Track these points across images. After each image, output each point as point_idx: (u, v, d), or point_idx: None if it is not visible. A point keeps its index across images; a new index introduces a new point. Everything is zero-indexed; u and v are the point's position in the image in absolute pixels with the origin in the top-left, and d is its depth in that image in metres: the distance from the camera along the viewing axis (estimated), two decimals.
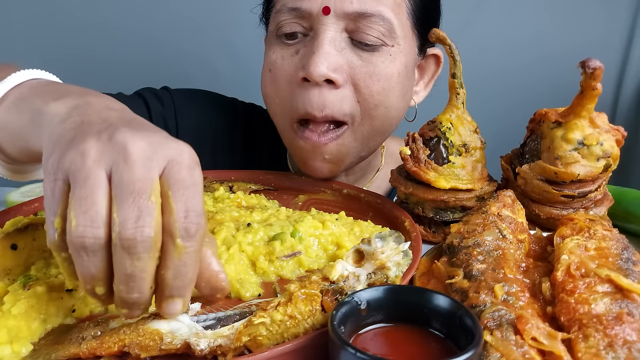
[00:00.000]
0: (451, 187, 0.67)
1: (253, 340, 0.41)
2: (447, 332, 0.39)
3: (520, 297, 0.46)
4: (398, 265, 0.48)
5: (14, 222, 0.62)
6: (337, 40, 0.76)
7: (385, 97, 0.79)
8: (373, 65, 0.77)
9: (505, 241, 0.53)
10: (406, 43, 0.80)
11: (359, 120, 0.79)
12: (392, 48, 0.78)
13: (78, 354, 0.41)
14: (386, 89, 0.78)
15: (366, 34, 0.76)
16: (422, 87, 0.93)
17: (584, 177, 0.62)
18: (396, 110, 0.82)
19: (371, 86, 0.77)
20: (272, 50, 0.81)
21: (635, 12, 1.69)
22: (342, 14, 0.75)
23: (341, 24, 0.75)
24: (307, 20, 0.76)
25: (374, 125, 0.81)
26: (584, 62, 0.57)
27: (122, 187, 0.37)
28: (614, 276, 0.45)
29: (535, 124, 0.68)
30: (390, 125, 0.84)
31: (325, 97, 0.75)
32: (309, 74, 0.74)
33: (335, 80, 0.74)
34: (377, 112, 0.79)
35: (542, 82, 1.70)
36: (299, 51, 0.78)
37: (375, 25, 0.75)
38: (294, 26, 0.77)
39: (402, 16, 0.79)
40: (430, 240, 0.70)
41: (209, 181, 0.83)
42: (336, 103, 0.76)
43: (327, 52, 0.74)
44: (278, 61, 0.79)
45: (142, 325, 0.42)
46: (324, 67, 0.73)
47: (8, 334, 0.45)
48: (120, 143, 0.38)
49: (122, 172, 0.37)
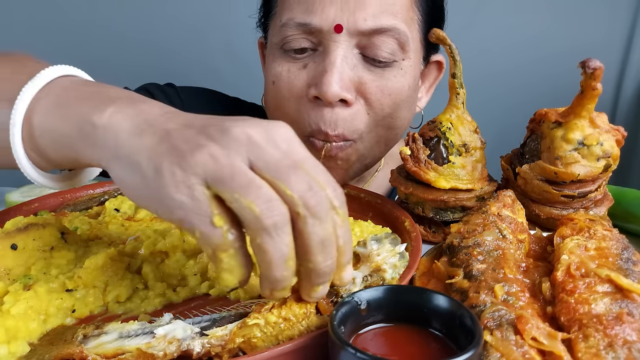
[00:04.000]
0: (451, 187, 0.67)
1: (247, 342, 0.41)
2: (447, 332, 0.39)
3: (520, 297, 0.46)
4: (394, 268, 0.48)
5: (14, 222, 0.62)
6: (349, 58, 0.74)
7: (395, 111, 0.78)
8: (385, 79, 0.76)
9: (505, 241, 0.53)
10: (416, 56, 0.80)
11: (367, 132, 0.79)
12: (403, 62, 0.77)
13: (72, 354, 0.41)
14: (397, 102, 0.78)
15: (379, 50, 0.74)
16: (423, 92, 0.92)
17: (584, 177, 0.62)
18: (403, 120, 0.82)
19: (382, 100, 0.76)
20: (277, 63, 0.78)
21: (635, 12, 1.69)
22: (355, 32, 0.72)
23: (353, 41, 0.74)
24: (317, 36, 0.74)
25: (381, 135, 0.80)
26: (584, 62, 0.57)
27: (276, 168, 0.38)
28: (614, 276, 0.45)
29: (535, 124, 0.68)
30: (395, 134, 0.83)
31: (337, 115, 0.74)
32: (322, 94, 0.72)
33: (348, 100, 0.74)
34: (384, 123, 0.79)
35: (542, 82, 1.70)
36: (307, 65, 0.76)
37: (390, 39, 0.74)
38: (302, 42, 0.75)
39: (414, 29, 0.78)
40: (430, 240, 0.70)
41: None
42: (348, 120, 0.75)
43: (340, 71, 0.72)
44: (284, 74, 0.77)
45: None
46: (338, 88, 0.72)
47: (6, 334, 0.45)
48: (243, 134, 0.39)
49: (263, 156, 0.38)
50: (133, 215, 0.70)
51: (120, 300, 0.53)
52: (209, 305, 0.52)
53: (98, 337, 0.43)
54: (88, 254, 0.58)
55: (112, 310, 0.52)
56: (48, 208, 0.73)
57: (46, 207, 0.73)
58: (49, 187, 0.55)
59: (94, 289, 0.52)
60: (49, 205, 0.74)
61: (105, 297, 0.53)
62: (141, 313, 0.51)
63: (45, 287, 0.51)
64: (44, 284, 0.51)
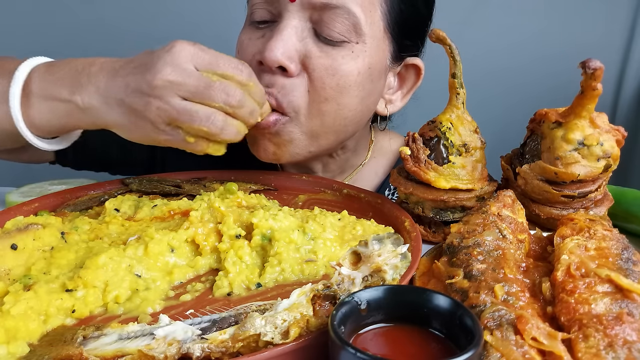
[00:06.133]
0: (451, 187, 0.67)
1: (247, 347, 0.41)
2: (447, 332, 0.39)
3: (520, 297, 0.46)
4: (395, 268, 0.47)
5: (14, 222, 0.63)
6: (300, 29, 0.75)
7: (339, 94, 0.77)
8: (332, 58, 0.76)
9: (505, 241, 0.53)
10: (374, 43, 0.79)
11: (306, 114, 0.78)
12: (355, 45, 0.77)
13: (71, 356, 0.41)
14: (341, 85, 0.77)
15: (329, 28, 0.75)
16: (399, 97, 0.91)
17: (584, 177, 0.62)
18: (351, 111, 0.80)
19: (325, 79, 0.76)
20: (243, 32, 0.82)
21: (635, 12, 1.69)
22: (307, 4, 0.74)
23: (306, 13, 0.75)
24: (276, 6, 0.77)
25: (324, 121, 0.79)
26: (584, 62, 0.57)
27: (197, 93, 0.62)
28: (614, 276, 0.45)
29: (536, 124, 0.68)
30: (344, 126, 0.82)
31: (275, 81, 0.75)
32: (263, 58, 0.74)
33: (288, 68, 0.74)
34: (327, 107, 0.77)
35: (542, 82, 1.70)
36: (264, 35, 0.78)
37: (340, 18, 0.74)
38: (263, 13, 0.79)
39: (374, 15, 0.78)
40: (430, 240, 0.70)
41: (209, 181, 0.83)
42: (285, 89, 0.75)
43: (285, 39, 0.74)
44: (245, 42, 0.81)
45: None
46: (279, 53, 0.73)
47: (5, 334, 0.45)
48: (163, 82, 0.61)
49: (186, 88, 0.61)
50: (133, 215, 0.70)
51: (120, 300, 0.53)
52: (209, 306, 0.53)
53: (98, 338, 0.43)
54: (88, 254, 0.58)
55: (111, 311, 0.52)
56: (48, 208, 0.73)
57: (46, 207, 0.73)
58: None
59: (94, 288, 0.52)
60: (49, 205, 0.74)
61: (105, 297, 0.52)
62: (141, 314, 0.51)
63: (45, 287, 0.51)
64: (44, 284, 0.51)
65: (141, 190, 0.79)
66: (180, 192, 0.79)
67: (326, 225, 0.63)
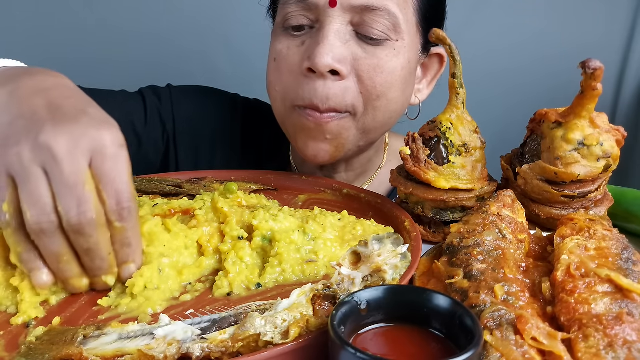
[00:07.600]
0: (451, 187, 0.67)
1: (247, 347, 0.41)
2: (447, 332, 0.39)
3: (520, 297, 0.46)
4: (395, 269, 0.47)
5: None
6: (342, 33, 0.77)
7: (388, 90, 0.80)
8: (377, 58, 0.78)
9: (505, 241, 0.53)
10: (410, 39, 0.82)
11: (362, 111, 0.81)
12: (396, 42, 0.79)
13: (71, 355, 0.41)
14: (389, 81, 0.80)
15: (371, 28, 0.77)
16: (425, 85, 0.94)
17: (584, 177, 0.62)
18: (397, 103, 0.84)
19: (374, 78, 0.78)
20: (278, 41, 0.82)
21: (635, 12, 1.69)
22: (348, 7, 0.76)
23: (347, 16, 0.77)
24: (314, 12, 0.78)
25: (376, 117, 0.82)
26: (584, 62, 0.57)
27: (58, 183, 0.45)
28: (614, 276, 0.45)
29: (536, 124, 0.68)
30: (390, 119, 0.85)
31: (329, 89, 0.77)
32: (314, 65, 0.75)
33: (340, 71, 0.76)
34: (379, 104, 0.81)
35: (542, 82, 1.70)
36: (305, 42, 0.79)
37: (381, 19, 0.77)
38: (300, 19, 0.79)
39: (408, 12, 0.80)
40: (430, 240, 0.70)
41: (209, 181, 0.83)
42: (339, 95, 0.77)
43: (332, 43, 0.75)
44: (284, 51, 0.81)
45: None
46: (329, 58, 0.75)
47: None
48: (45, 144, 0.45)
49: (54, 171, 0.45)
50: None
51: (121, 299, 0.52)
52: (209, 306, 0.53)
53: (98, 338, 0.43)
54: None
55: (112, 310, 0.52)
56: None
57: None
58: None
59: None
60: None
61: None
62: (141, 313, 0.51)
63: None
64: None
65: (141, 190, 0.79)
66: (181, 192, 0.79)
67: (326, 225, 0.63)
